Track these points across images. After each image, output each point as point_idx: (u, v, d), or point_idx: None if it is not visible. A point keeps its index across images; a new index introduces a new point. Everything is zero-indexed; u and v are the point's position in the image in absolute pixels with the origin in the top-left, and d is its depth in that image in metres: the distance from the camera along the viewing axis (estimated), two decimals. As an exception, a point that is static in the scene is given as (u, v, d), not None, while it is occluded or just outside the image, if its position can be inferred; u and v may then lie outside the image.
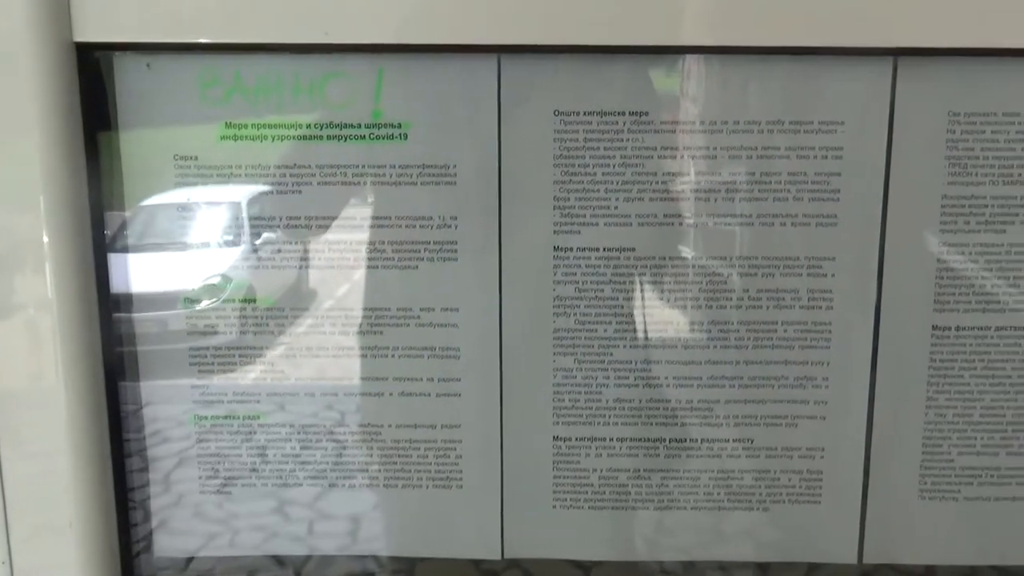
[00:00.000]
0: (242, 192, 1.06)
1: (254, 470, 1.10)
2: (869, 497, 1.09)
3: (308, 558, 1.15)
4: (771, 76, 1.02)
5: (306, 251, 1.06)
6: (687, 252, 1.05)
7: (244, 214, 1.07)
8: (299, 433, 1.09)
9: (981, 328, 1.05)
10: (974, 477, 1.09)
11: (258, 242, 1.07)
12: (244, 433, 1.10)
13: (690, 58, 1.02)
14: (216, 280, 1.08)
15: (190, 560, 1.15)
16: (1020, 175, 1.02)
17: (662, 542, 1.13)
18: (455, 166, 1.03)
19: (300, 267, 1.06)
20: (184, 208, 1.06)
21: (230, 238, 1.07)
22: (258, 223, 1.06)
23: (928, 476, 1.09)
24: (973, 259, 1.04)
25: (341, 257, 1.06)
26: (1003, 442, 1.08)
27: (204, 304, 1.08)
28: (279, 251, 1.07)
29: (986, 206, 1.03)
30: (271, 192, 1.04)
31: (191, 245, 1.08)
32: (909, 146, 1.02)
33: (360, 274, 1.06)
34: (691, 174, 1.03)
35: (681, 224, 1.04)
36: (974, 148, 1.02)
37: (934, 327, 1.05)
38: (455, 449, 1.09)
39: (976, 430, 1.08)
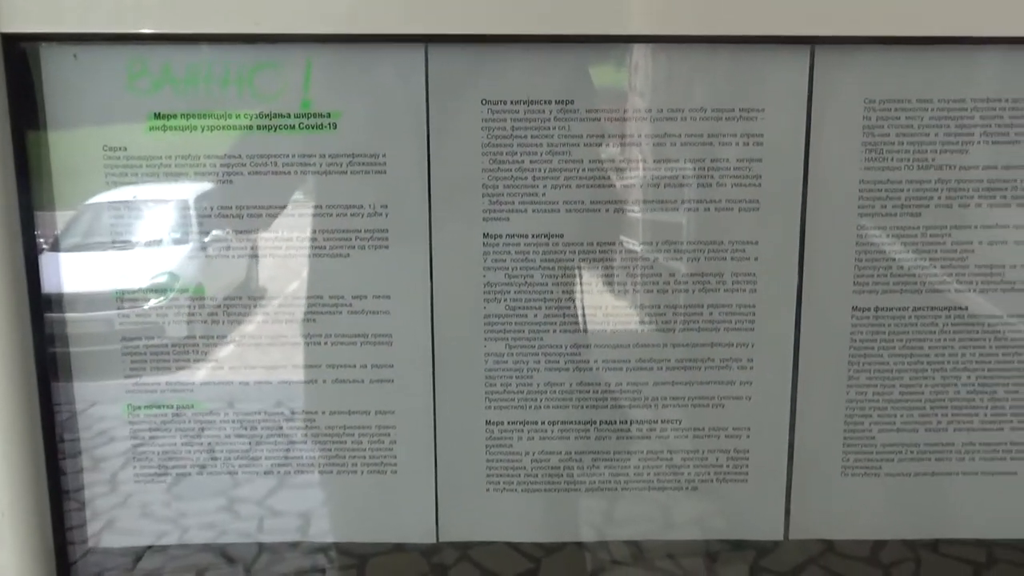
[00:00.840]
0: (175, 187, 1.06)
1: (187, 459, 1.11)
2: (794, 474, 1.12)
3: (249, 546, 1.15)
4: (693, 64, 1.04)
5: (238, 241, 1.07)
6: (615, 238, 1.07)
7: (176, 207, 1.07)
8: (232, 422, 1.10)
9: (899, 308, 1.09)
10: (894, 453, 1.12)
11: (191, 233, 1.07)
12: (177, 422, 1.10)
13: (615, 47, 1.04)
14: (152, 273, 1.09)
15: (128, 550, 1.15)
16: (934, 160, 1.05)
17: (595, 523, 1.15)
18: (384, 155, 1.05)
19: (232, 257, 1.07)
20: (122, 205, 1.06)
21: (163, 230, 1.08)
22: (190, 214, 1.07)
23: (850, 453, 1.12)
24: (890, 242, 1.07)
25: (273, 246, 1.07)
26: (922, 419, 1.11)
27: (140, 298, 1.08)
28: (211, 241, 1.07)
29: (902, 190, 1.06)
30: (202, 183, 1.05)
31: (125, 242, 1.08)
32: (827, 132, 1.05)
33: (292, 263, 1.07)
34: (617, 161, 1.05)
35: (608, 210, 1.06)
36: (889, 134, 1.05)
37: (854, 308, 1.08)
38: (389, 435, 1.11)
39: (896, 408, 1.11)
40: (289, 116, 1.04)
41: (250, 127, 1.04)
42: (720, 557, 1.15)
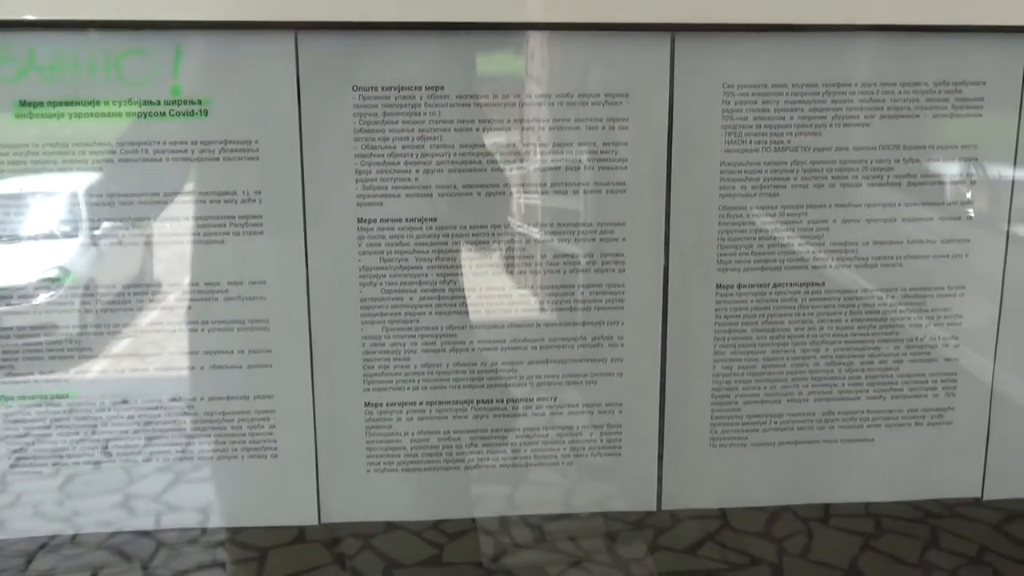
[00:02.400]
0: (42, 177, 1.05)
1: (64, 448, 1.10)
2: (665, 447, 1.16)
3: (147, 534, 1.15)
4: (560, 51, 1.07)
5: (110, 229, 1.06)
6: (487, 221, 1.10)
7: (45, 196, 1.06)
8: (109, 410, 1.10)
9: (760, 285, 1.13)
10: (759, 424, 1.17)
11: (59, 222, 1.06)
12: (51, 413, 1.09)
13: (484, 34, 1.06)
14: (17, 263, 1.08)
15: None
16: (790, 142, 1.10)
17: (475, 500, 1.17)
18: (257, 141, 1.05)
19: (105, 245, 1.07)
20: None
21: (30, 220, 1.07)
22: (59, 203, 1.06)
23: (718, 425, 1.16)
24: (750, 221, 1.12)
25: (146, 234, 1.07)
26: (784, 391, 1.16)
27: (6, 289, 1.07)
28: (83, 230, 1.07)
29: (760, 171, 1.11)
30: (72, 172, 1.04)
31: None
32: (689, 117, 1.09)
33: (166, 250, 1.07)
34: (487, 145, 1.08)
35: (480, 194, 1.09)
36: (747, 117, 1.09)
37: (718, 285, 1.13)
38: (268, 419, 1.12)
39: (760, 380, 1.16)
40: (159, 103, 1.04)
41: (119, 114, 1.03)
42: (601, 530, 1.18)
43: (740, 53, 1.08)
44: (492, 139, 1.08)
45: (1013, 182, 1.13)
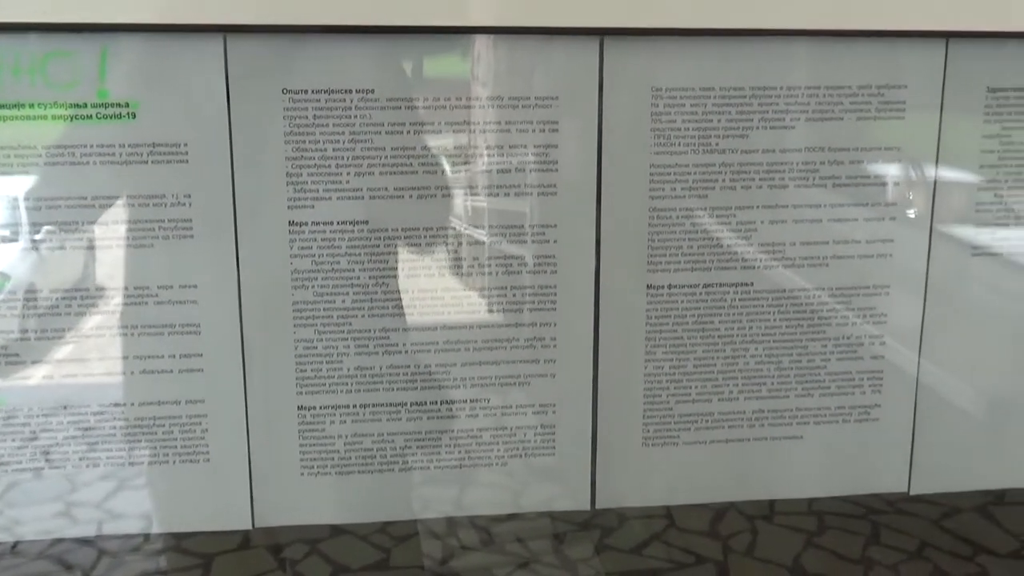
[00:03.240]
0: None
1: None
2: (598, 447, 1.17)
3: (88, 542, 1.14)
4: (490, 54, 1.08)
5: (37, 233, 1.05)
6: (419, 224, 1.10)
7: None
8: (39, 416, 1.09)
9: (691, 286, 1.15)
10: (691, 423, 1.19)
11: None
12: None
13: (414, 38, 1.06)
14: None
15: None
16: (717, 144, 1.12)
17: (410, 502, 1.18)
18: (186, 144, 1.05)
19: (31, 249, 1.06)
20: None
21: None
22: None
23: (650, 424, 1.18)
24: (680, 222, 1.13)
25: (74, 237, 1.06)
26: (715, 390, 1.18)
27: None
28: (9, 234, 1.05)
29: (689, 173, 1.12)
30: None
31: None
32: (618, 120, 1.10)
33: (95, 254, 1.06)
34: (418, 148, 1.08)
35: (412, 197, 1.09)
36: (676, 120, 1.11)
37: (648, 286, 1.14)
38: (200, 423, 1.11)
39: (691, 380, 1.17)
40: (86, 106, 1.03)
41: (45, 117, 1.02)
42: (532, 531, 1.19)
43: (668, 57, 1.09)
44: (424, 142, 1.08)
45: (935, 182, 1.16)
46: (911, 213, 1.16)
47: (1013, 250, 1.19)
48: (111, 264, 1.07)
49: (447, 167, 1.09)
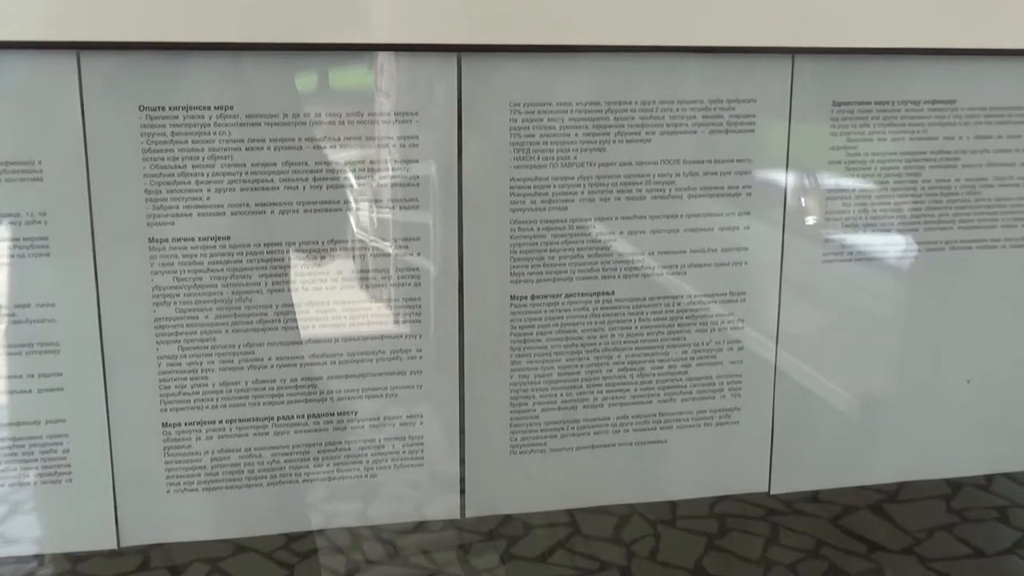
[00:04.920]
0: None
1: None
2: (467, 455, 1.19)
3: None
4: (349, 70, 1.09)
5: None
6: (281, 239, 1.11)
7: None
8: None
9: (553, 296, 1.18)
10: (557, 430, 1.21)
11: None
12: None
13: (272, 54, 1.07)
14: None
15: None
16: (576, 158, 1.15)
17: (278, 516, 1.18)
18: (40, 162, 1.04)
19: None
20: None
21: None
22: None
23: (517, 432, 1.20)
24: (541, 234, 1.16)
25: (-75, 258, 1.04)
26: (580, 397, 1.21)
27: None
28: None
29: (549, 186, 1.15)
30: None
31: None
32: (478, 134, 1.12)
33: (-52, 274, 1.05)
34: (278, 164, 1.09)
35: (273, 212, 1.10)
36: (535, 135, 1.13)
37: (512, 297, 1.16)
38: (62, 443, 1.10)
39: (556, 388, 1.20)
40: (-65, 123, 1.02)
41: None
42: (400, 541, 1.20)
43: (525, 73, 1.12)
44: (284, 158, 1.09)
45: (786, 192, 1.20)
46: (762, 222, 1.20)
47: (861, 255, 1.24)
48: (-35, 284, 1.05)
49: (308, 182, 1.10)
